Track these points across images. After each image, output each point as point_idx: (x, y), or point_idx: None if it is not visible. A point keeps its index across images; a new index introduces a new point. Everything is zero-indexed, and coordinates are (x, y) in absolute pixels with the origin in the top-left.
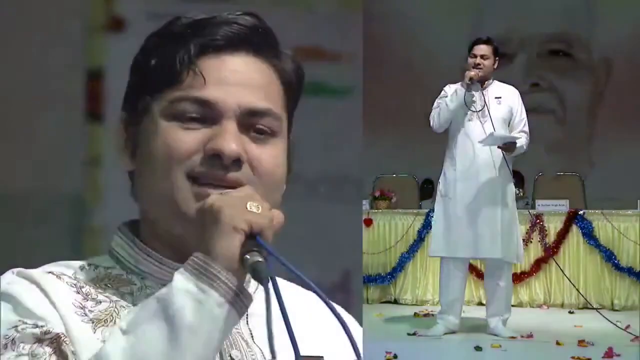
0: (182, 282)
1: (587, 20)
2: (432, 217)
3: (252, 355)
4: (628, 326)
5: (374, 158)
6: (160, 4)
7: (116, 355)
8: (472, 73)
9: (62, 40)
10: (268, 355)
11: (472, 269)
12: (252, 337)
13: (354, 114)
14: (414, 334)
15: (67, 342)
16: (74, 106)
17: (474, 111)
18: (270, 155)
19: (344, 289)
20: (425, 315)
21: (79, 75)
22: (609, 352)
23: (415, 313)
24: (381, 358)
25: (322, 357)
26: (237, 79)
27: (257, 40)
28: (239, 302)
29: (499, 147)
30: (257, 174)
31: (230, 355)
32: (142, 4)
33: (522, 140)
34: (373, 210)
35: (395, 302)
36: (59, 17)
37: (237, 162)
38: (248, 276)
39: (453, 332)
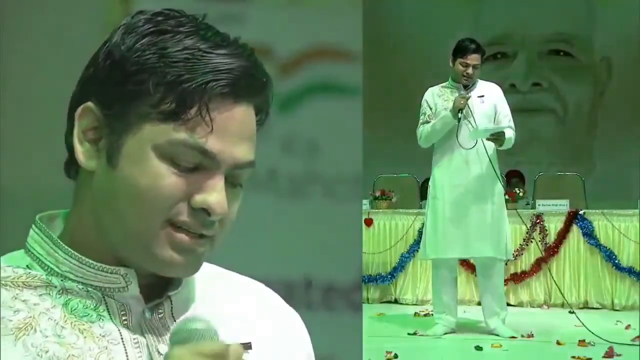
0: None
1: (587, 20)
2: None
3: None
4: (628, 326)
5: (374, 158)
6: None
7: None
8: (462, 104)
9: (78, 41)
10: None
11: (472, 268)
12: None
13: (354, 114)
14: (414, 333)
15: None
16: None
17: (461, 119)
18: (233, 211)
19: (344, 289)
20: (426, 315)
21: None
22: (609, 352)
23: (415, 313)
24: (381, 358)
25: (249, 342)
26: (239, 131)
27: (255, 89)
28: None
29: (488, 139)
30: (222, 225)
31: (157, 350)
32: (157, 3)
33: (509, 133)
34: (373, 210)
35: (396, 302)
36: (74, 17)
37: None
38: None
39: (453, 332)
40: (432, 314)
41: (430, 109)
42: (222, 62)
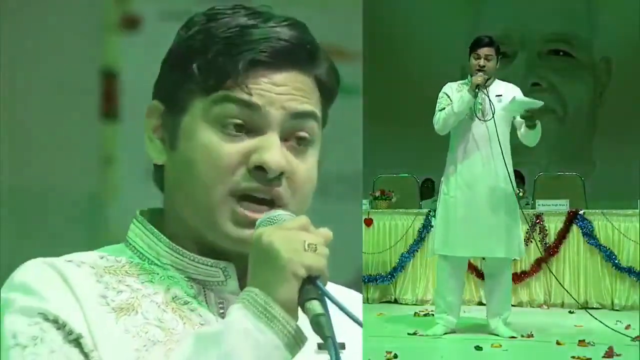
0: (240, 320)
1: (587, 20)
2: (433, 216)
3: None
4: (628, 326)
5: (374, 158)
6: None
7: None
8: (480, 79)
9: (77, 40)
10: None
11: (472, 268)
12: None
13: (354, 114)
14: (414, 333)
15: (87, 343)
16: (89, 105)
17: (481, 120)
18: (305, 169)
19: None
20: (425, 315)
21: (94, 74)
22: (609, 352)
23: (415, 313)
24: (381, 358)
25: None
26: (281, 90)
27: (301, 56)
28: (294, 345)
29: (522, 116)
30: (292, 189)
31: None
32: (156, 3)
33: (538, 123)
34: (373, 210)
35: (395, 302)
36: (73, 16)
37: (280, 176)
38: None
39: (453, 332)
40: (432, 314)
41: (450, 98)
42: (264, 34)
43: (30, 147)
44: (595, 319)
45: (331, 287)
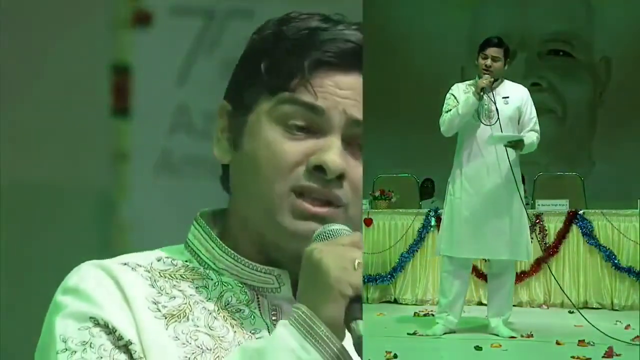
0: (285, 338)
1: (587, 20)
2: (433, 216)
3: None
4: (628, 326)
5: (374, 158)
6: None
7: None
8: (485, 82)
9: (89, 36)
10: None
11: (473, 268)
12: None
13: None
14: (414, 333)
15: (136, 350)
16: (101, 101)
17: (485, 124)
18: (360, 173)
19: None
20: (425, 315)
21: (106, 70)
22: (609, 352)
23: (415, 313)
24: (381, 358)
25: None
26: (347, 94)
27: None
28: None
29: (506, 145)
30: (354, 192)
31: None
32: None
33: (531, 138)
34: (373, 210)
35: (395, 302)
36: (84, 12)
37: (339, 178)
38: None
39: (453, 332)
40: (432, 314)
41: (456, 99)
42: (332, 35)
43: (41, 143)
44: (591, 324)
45: None
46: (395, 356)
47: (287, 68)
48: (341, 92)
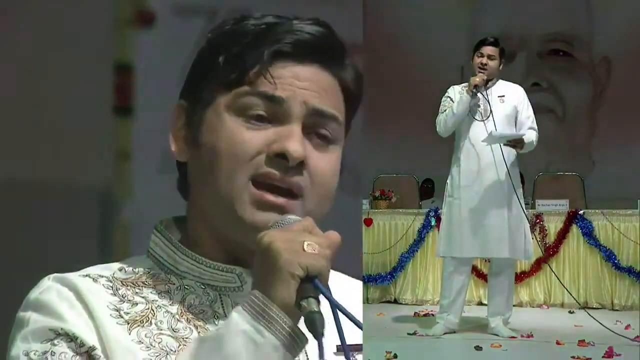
0: (239, 323)
1: (587, 20)
2: (433, 216)
3: None
4: (628, 326)
5: (374, 158)
6: None
7: None
8: (477, 80)
9: (91, 35)
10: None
11: (473, 268)
12: None
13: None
14: (414, 333)
15: (100, 355)
16: (103, 100)
17: (478, 120)
18: (328, 163)
19: None
20: (425, 315)
21: (108, 68)
22: (609, 352)
23: (415, 313)
24: (381, 358)
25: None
26: (305, 85)
27: (325, 52)
28: (294, 345)
29: (506, 144)
30: (313, 182)
31: None
32: None
33: (530, 136)
34: (373, 210)
35: (395, 302)
36: (87, 11)
37: (300, 165)
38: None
39: (453, 332)
40: (432, 314)
41: (452, 101)
42: (289, 27)
43: (43, 142)
44: (595, 319)
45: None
46: (395, 356)
47: (246, 60)
48: (300, 83)
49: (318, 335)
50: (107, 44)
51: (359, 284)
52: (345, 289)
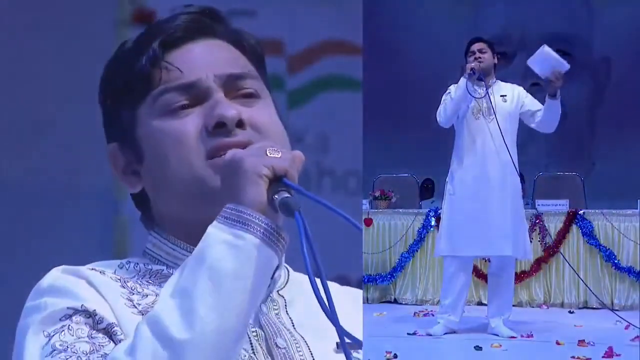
0: (216, 234)
1: (587, 20)
2: (433, 216)
3: (296, 342)
4: (628, 326)
5: (374, 158)
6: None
7: (168, 315)
8: (473, 64)
9: (91, 34)
10: (310, 342)
11: (473, 268)
12: (293, 325)
13: (354, 114)
14: (414, 333)
15: (119, 332)
16: None
17: (477, 97)
18: (263, 114)
19: None
20: (425, 315)
21: None
22: (609, 352)
23: (415, 313)
24: (381, 358)
25: (361, 341)
26: (207, 59)
27: (213, 25)
28: (275, 241)
29: (545, 78)
30: (259, 132)
31: (275, 344)
32: (169, 0)
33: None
34: (373, 210)
35: (395, 302)
36: (87, 11)
37: (240, 125)
38: None
39: (453, 332)
40: (432, 314)
41: (452, 97)
42: (170, 22)
43: (43, 142)
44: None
45: (331, 286)
46: (395, 356)
47: (143, 64)
48: (202, 59)
49: (292, 212)
50: (106, 43)
51: (359, 293)
52: (346, 300)
